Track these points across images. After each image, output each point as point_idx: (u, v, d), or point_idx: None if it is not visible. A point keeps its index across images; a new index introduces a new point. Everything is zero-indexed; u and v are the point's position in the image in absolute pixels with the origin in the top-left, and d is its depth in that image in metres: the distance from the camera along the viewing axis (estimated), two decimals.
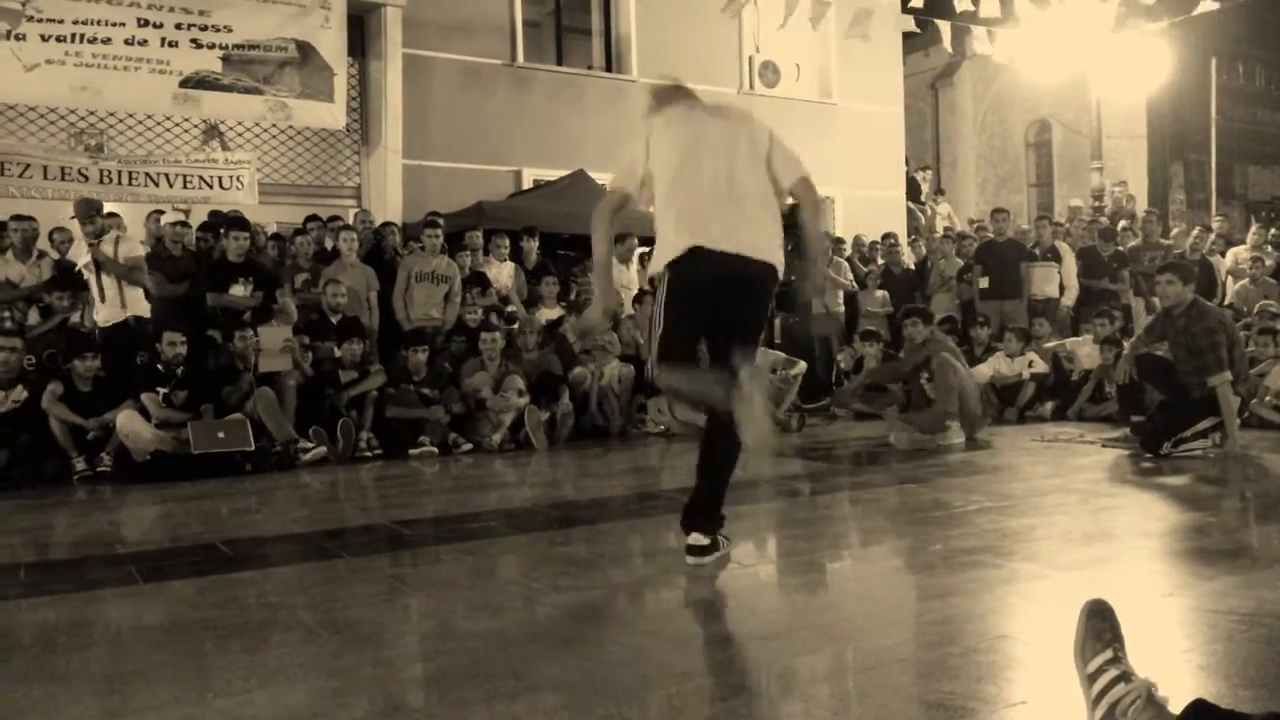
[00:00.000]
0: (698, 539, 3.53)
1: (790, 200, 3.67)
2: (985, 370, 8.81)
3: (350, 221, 9.80)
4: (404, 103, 12.32)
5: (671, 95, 3.86)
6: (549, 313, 9.16)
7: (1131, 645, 2.05)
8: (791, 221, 3.69)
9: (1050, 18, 14.74)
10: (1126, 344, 7.19)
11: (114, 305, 7.33)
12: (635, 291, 9.53)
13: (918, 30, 14.40)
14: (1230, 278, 10.85)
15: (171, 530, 4.90)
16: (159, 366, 6.94)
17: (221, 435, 6.66)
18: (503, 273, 9.40)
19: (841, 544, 4.09)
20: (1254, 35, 22.17)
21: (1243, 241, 11.61)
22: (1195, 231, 11.50)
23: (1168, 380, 6.36)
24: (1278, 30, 23.15)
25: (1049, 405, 8.58)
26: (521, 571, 3.71)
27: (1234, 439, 6.00)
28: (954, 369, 7.29)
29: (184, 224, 9.01)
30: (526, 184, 13.06)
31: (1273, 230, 11.74)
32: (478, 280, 8.91)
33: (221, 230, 8.45)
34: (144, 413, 6.72)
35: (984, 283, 10.07)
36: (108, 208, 8.64)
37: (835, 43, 15.94)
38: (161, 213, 9.45)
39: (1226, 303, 10.02)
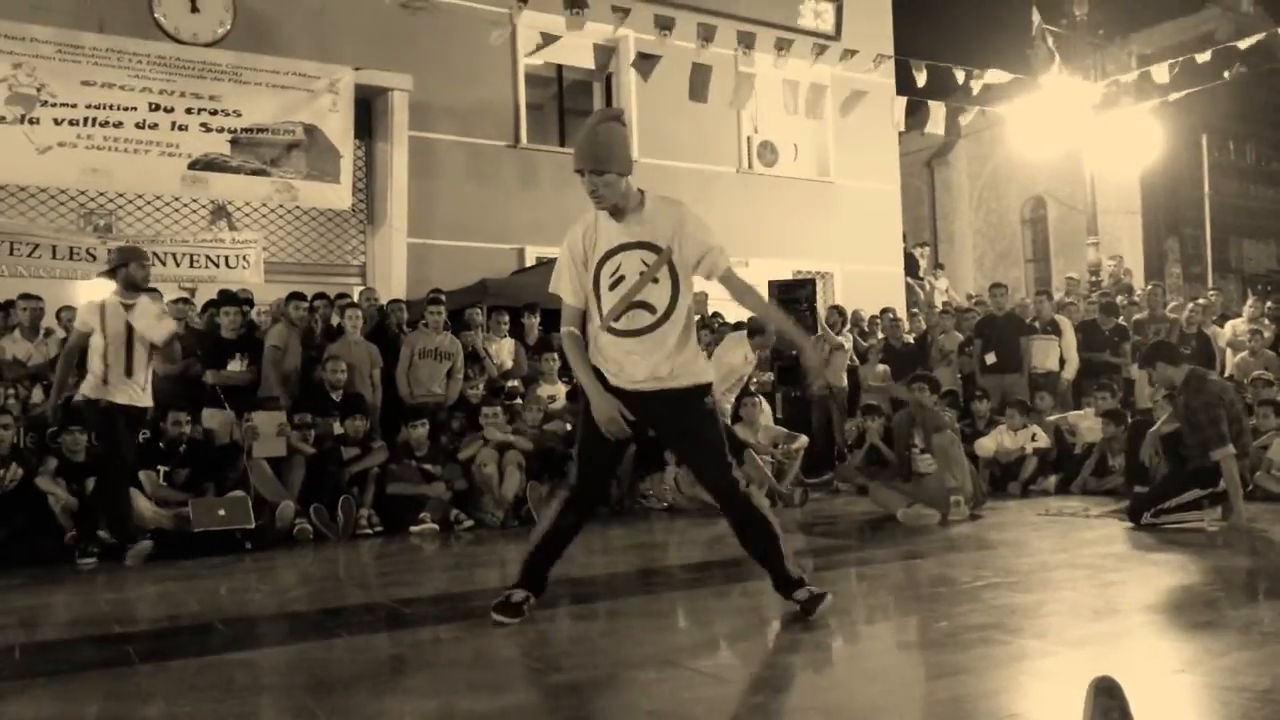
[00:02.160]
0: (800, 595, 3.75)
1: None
2: (988, 444, 8.79)
3: (355, 299, 9.88)
4: (409, 182, 12.51)
5: None
6: (550, 389, 9.18)
7: None
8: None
9: (1042, 97, 15.05)
10: (1156, 423, 7.13)
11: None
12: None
13: (904, 127, 14.69)
14: (1229, 349, 10.89)
15: (170, 609, 4.85)
16: (160, 444, 6.94)
17: (222, 513, 6.64)
18: (503, 349, 9.44)
19: (848, 621, 4.05)
20: (1244, 113, 22.60)
21: (1240, 314, 11.67)
22: (1190, 305, 11.59)
23: (1176, 455, 6.36)
24: (1266, 108, 23.62)
25: (1052, 479, 8.54)
26: (523, 651, 3.66)
27: (1239, 513, 5.97)
28: (957, 442, 7.28)
29: (187, 301, 9.09)
30: (529, 261, 13.20)
31: (1269, 303, 11.81)
32: (475, 357, 8.97)
33: (215, 308, 8.51)
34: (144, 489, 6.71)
35: (990, 358, 10.10)
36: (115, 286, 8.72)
37: (832, 123, 16.24)
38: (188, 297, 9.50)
39: (1227, 375, 10.03)
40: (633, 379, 3.72)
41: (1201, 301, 12.01)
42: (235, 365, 7.85)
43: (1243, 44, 12.74)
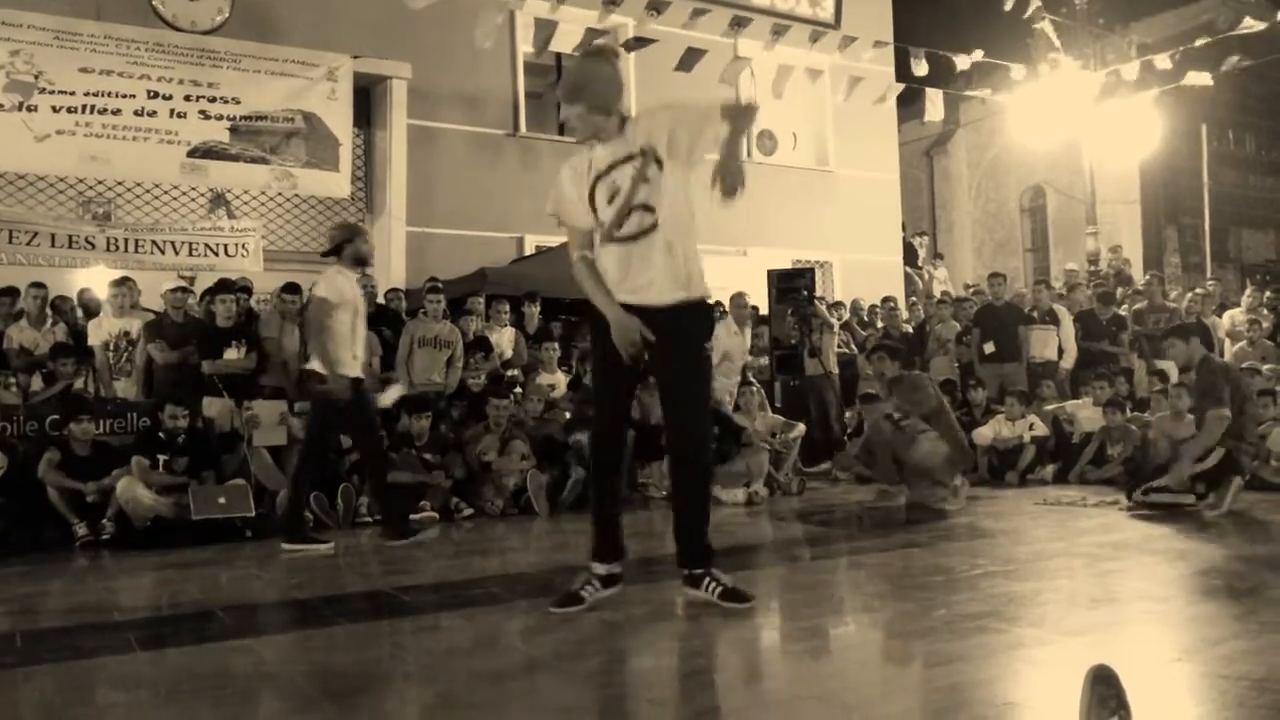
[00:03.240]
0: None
1: None
2: (986, 433, 8.81)
3: None
4: (408, 171, 12.50)
5: None
6: (550, 378, 9.18)
7: (1138, 712, 2.04)
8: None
9: (1042, 86, 15.02)
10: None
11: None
12: None
13: (889, 99, 14.64)
14: (1228, 339, 10.90)
15: (170, 597, 4.87)
16: (160, 434, 6.95)
17: (222, 501, 6.65)
18: (504, 338, 9.44)
19: (844, 609, 4.06)
20: (1243, 103, 22.56)
21: (1238, 304, 11.69)
22: (1190, 295, 11.60)
23: None
24: (1266, 98, 23.58)
25: (1050, 468, 8.56)
26: (523, 638, 3.68)
27: (1185, 465, 6.24)
28: (945, 407, 7.35)
29: (185, 289, 9.08)
30: (529, 250, 13.19)
31: (1268, 293, 11.82)
32: (480, 345, 8.95)
33: (210, 295, 8.50)
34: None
35: (989, 347, 10.12)
36: (117, 274, 8.74)
37: (831, 112, 16.22)
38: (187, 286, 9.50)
39: None
40: (636, 289, 3.74)
41: (1200, 291, 12.02)
42: (232, 353, 7.85)
43: (1244, 30, 12.73)
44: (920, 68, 13.17)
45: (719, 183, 3.69)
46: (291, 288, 8.50)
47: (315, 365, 6.04)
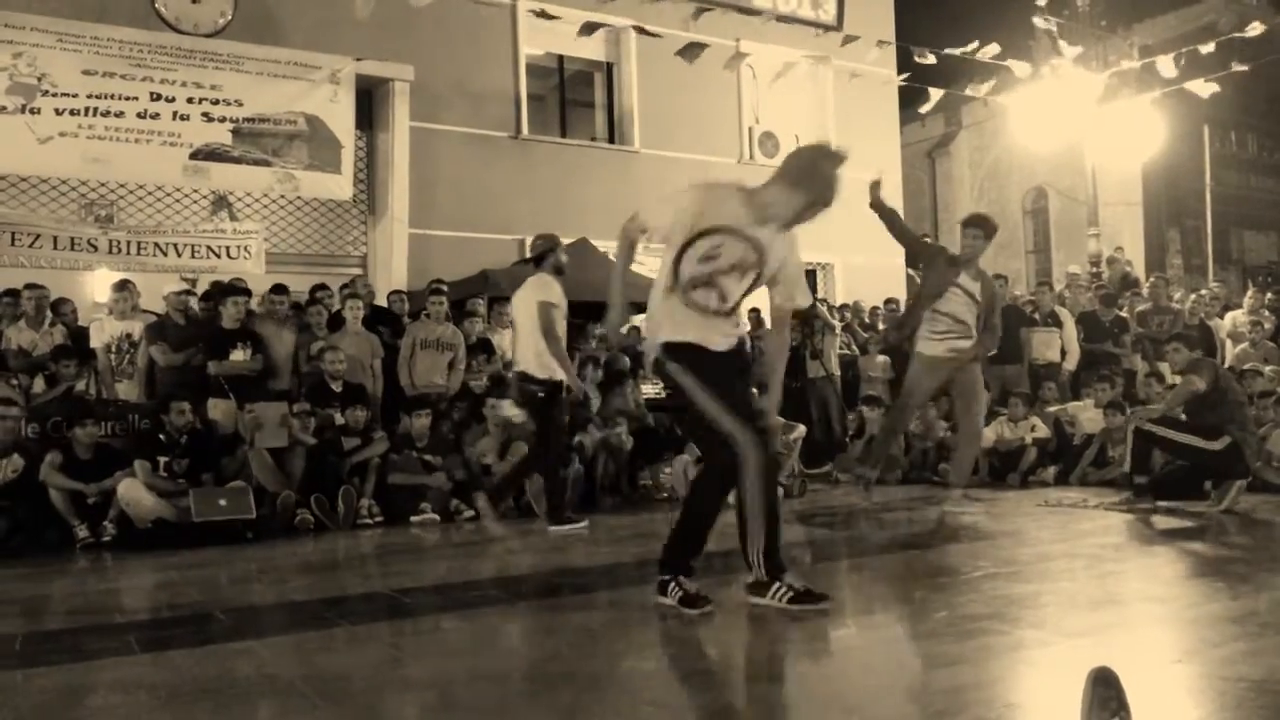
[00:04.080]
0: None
1: None
2: (988, 435, 8.78)
3: (354, 289, 9.88)
4: (410, 173, 12.51)
5: None
6: None
7: (1139, 713, 2.03)
8: None
9: (1043, 87, 15.01)
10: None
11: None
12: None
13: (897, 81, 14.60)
14: (1230, 341, 10.88)
15: (171, 599, 4.86)
16: (161, 436, 6.96)
17: (223, 503, 6.65)
18: (506, 340, 9.43)
19: (846, 611, 4.06)
20: (1245, 104, 22.53)
21: (1240, 305, 11.67)
22: (1193, 296, 11.58)
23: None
24: (1268, 99, 23.55)
25: (1051, 470, 8.54)
26: (523, 640, 3.68)
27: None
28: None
29: (189, 292, 9.09)
30: (530, 252, 13.19)
31: (1269, 294, 11.80)
32: (483, 347, 8.96)
33: (218, 298, 8.51)
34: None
35: (517, 363, 10.07)
36: (118, 276, 8.74)
37: (833, 113, 16.22)
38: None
39: (1227, 365, 10.03)
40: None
41: (1205, 292, 12.00)
42: (239, 354, 7.86)
43: (1249, 33, 12.70)
44: (925, 59, 13.11)
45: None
46: (279, 289, 8.52)
47: (527, 367, 6.51)
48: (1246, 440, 6.34)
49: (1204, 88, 13.26)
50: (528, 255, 6.97)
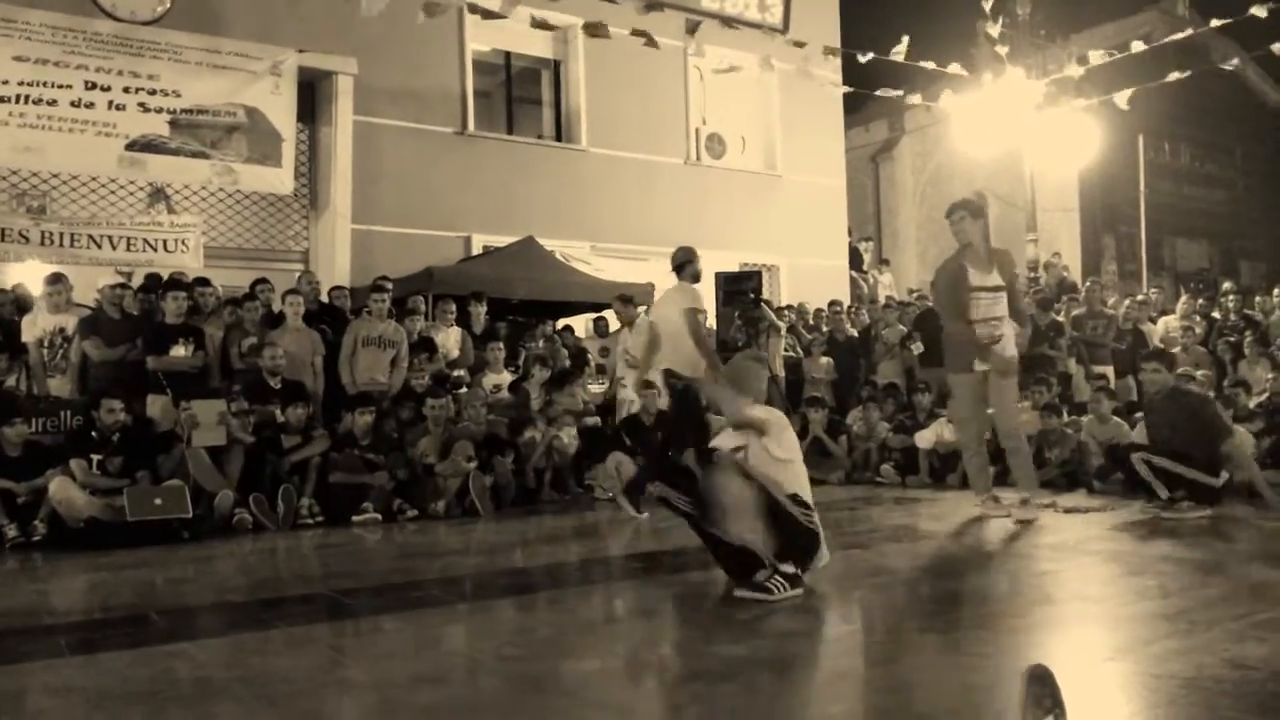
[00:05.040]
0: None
1: None
2: (928, 436, 8.91)
3: (295, 285, 9.74)
4: (354, 168, 12.36)
5: None
6: (495, 378, 9.14)
7: (1073, 710, 2.07)
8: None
9: (984, 95, 15.26)
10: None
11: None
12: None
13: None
14: (1162, 346, 11.15)
15: (103, 600, 4.75)
16: (94, 433, 6.79)
17: (159, 502, 6.50)
18: (449, 338, 9.37)
19: (787, 611, 4.08)
20: (1179, 114, 23.14)
21: (1173, 311, 11.97)
22: (1127, 301, 11.85)
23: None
24: (1201, 111, 24.21)
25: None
26: (466, 641, 3.65)
27: (1264, 488, 6.27)
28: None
29: (124, 286, 8.88)
30: (476, 250, 13.11)
31: (1200, 300, 12.12)
32: (425, 346, 8.88)
33: (159, 291, 8.33)
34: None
35: (918, 348, 10.24)
36: (50, 269, 8.51)
37: (779, 116, 16.35)
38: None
39: None
40: None
41: (1140, 298, 12.29)
42: (180, 350, 7.70)
43: (1175, 38, 13.04)
44: (865, 57, 13.18)
45: None
46: (201, 282, 8.55)
47: (675, 365, 7.04)
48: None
49: (1121, 98, 13.58)
50: (670, 265, 7.59)
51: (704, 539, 4.20)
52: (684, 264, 7.36)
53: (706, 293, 11.33)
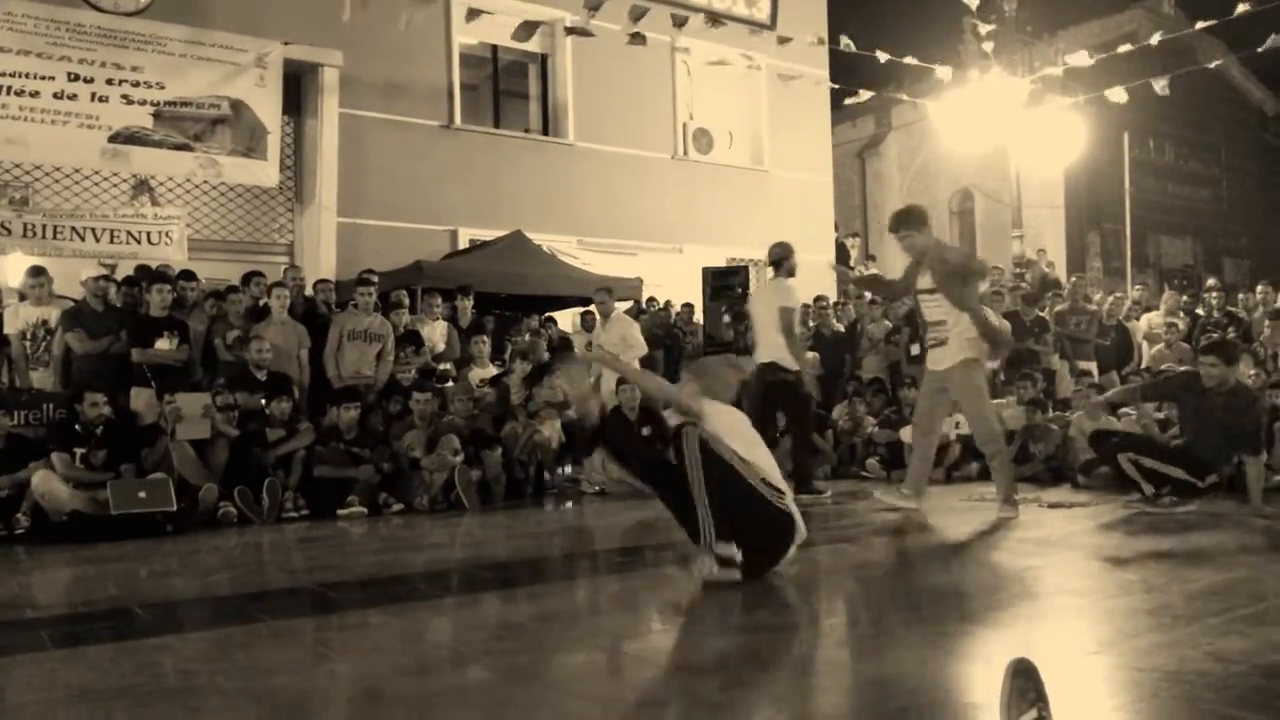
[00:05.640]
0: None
1: None
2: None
3: (281, 278, 9.69)
4: (340, 161, 12.31)
5: None
6: (481, 372, 9.12)
7: (1057, 704, 2.08)
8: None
9: (971, 91, 15.31)
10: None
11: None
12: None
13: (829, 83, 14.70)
14: (1146, 342, 11.22)
15: (86, 593, 4.73)
16: (77, 426, 6.75)
17: (142, 495, 6.46)
18: (435, 332, 9.35)
19: (773, 604, 4.09)
20: (1164, 113, 23.25)
21: (1157, 308, 12.04)
22: (1112, 298, 11.91)
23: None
24: (1185, 109, 24.32)
25: (974, 465, 8.70)
26: (451, 635, 3.64)
27: (1258, 499, 6.19)
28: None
29: (107, 278, 8.81)
30: (463, 244, 13.08)
31: (1184, 297, 12.19)
32: (411, 339, 8.85)
33: (143, 284, 8.29)
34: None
35: (915, 349, 10.26)
36: (31, 262, 8.45)
37: (767, 112, 16.36)
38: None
39: (1143, 366, 10.34)
40: None
41: (1122, 295, 12.36)
42: (164, 343, 7.67)
43: (1155, 40, 13.09)
44: (849, 49, 13.18)
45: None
46: (185, 275, 8.54)
47: (775, 358, 7.31)
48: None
49: (1117, 93, 13.64)
50: (767, 261, 7.80)
51: (669, 504, 4.28)
52: (781, 260, 7.52)
53: (693, 288, 11.38)
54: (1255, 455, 6.29)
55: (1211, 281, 12.90)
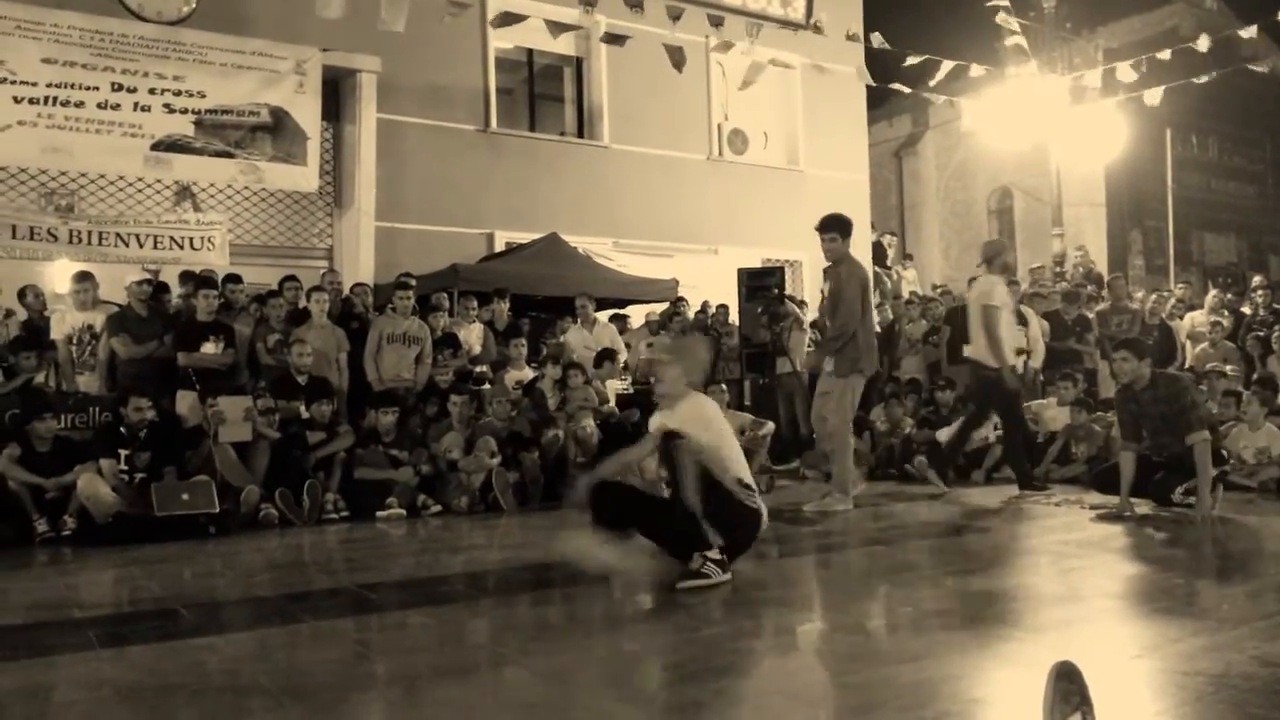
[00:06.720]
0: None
1: None
2: (947, 434, 8.84)
3: (319, 282, 9.80)
4: (377, 166, 12.41)
5: None
6: (518, 374, 9.16)
7: (1101, 707, 2.06)
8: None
9: (1009, 89, 15.15)
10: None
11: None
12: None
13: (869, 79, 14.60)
14: (1189, 341, 11.04)
15: (131, 594, 4.80)
16: (121, 429, 6.86)
17: (185, 497, 6.56)
18: (472, 334, 9.40)
19: (811, 606, 4.08)
20: (1207, 108, 22.90)
21: (1201, 306, 11.84)
22: (1154, 296, 11.73)
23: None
24: (1230, 104, 23.93)
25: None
26: (489, 635, 3.66)
27: (1205, 501, 5.94)
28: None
29: (150, 283, 8.95)
30: (499, 247, 13.14)
31: (1229, 295, 11.98)
32: (449, 342, 8.91)
33: (191, 289, 8.42)
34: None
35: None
36: (77, 268, 8.61)
37: (802, 111, 16.29)
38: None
39: (1187, 365, 10.18)
40: None
41: (1165, 293, 12.17)
42: (210, 347, 7.79)
43: (1201, 45, 12.85)
44: (882, 45, 13.07)
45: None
46: (234, 278, 8.70)
47: (975, 355, 7.44)
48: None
49: (1153, 96, 13.42)
50: (980, 259, 8.00)
51: (649, 527, 4.46)
52: (993, 257, 7.63)
53: (729, 289, 11.36)
54: (1196, 432, 6.04)
55: (1258, 279, 12.66)
